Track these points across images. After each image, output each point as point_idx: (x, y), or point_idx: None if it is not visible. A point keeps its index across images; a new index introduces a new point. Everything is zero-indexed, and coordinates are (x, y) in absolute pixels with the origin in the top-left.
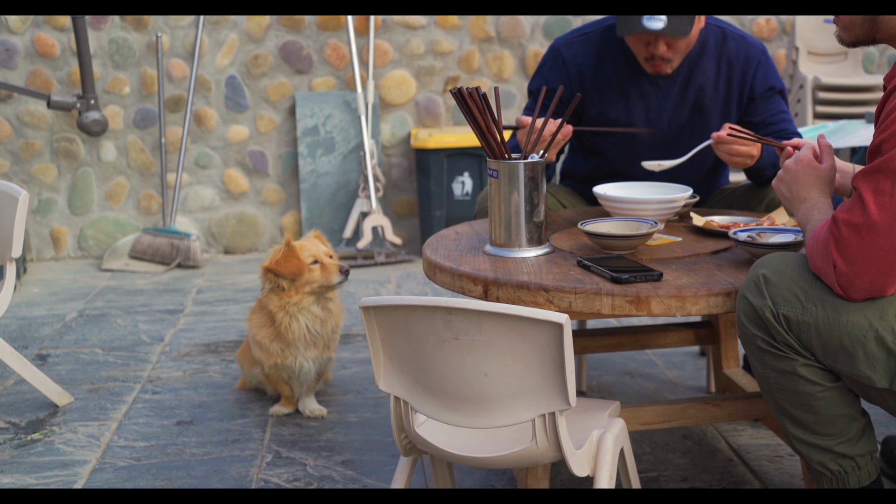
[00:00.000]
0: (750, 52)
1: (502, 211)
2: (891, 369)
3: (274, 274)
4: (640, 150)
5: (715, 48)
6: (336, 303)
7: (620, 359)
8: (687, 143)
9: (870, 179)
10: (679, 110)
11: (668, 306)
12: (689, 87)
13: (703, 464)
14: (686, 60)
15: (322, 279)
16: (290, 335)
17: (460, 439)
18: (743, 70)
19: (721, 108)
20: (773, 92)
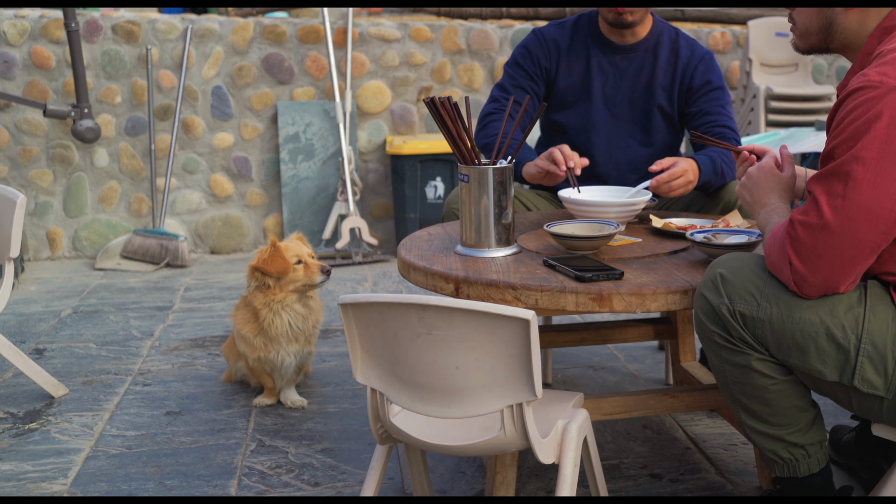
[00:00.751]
0: (696, 50)
1: (473, 213)
2: (840, 364)
3: (261, 273)
4: (596, 123)
5: (668, 42)
6: (316, 300)
7: (584, 353)
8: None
9: (823, 183)
10: (633, 90)
11: (628, 303)
12: (643, 71)
13: (662, 452)
14: (642, 47)
15: (305, 278)
16: (274, 331)
17: (433, 428)
18: (687, 62)
19: (667, 94)
20: (711, 86)
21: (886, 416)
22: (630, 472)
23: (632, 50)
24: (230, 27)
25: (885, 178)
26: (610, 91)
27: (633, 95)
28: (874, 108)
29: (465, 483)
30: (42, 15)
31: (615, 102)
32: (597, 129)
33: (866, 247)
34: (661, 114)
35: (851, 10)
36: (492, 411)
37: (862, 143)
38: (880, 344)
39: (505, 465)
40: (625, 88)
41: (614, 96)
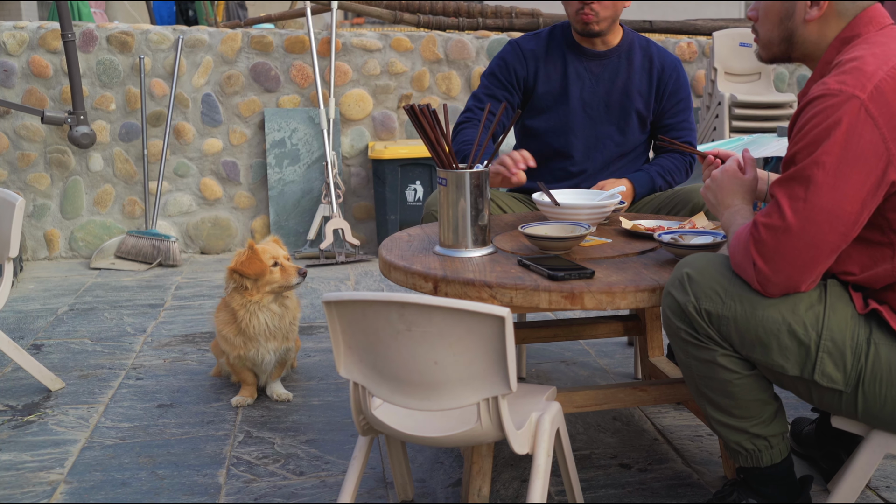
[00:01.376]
0: (667, 59)
1: (450, 215)
2: (801, 359)
3: (239, 275)
4: (574, 126)
5: (640, 49)
6: (293, 299)
7: (556, 348)
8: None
9: (786, 187)
10: (609, 94)
11: (599, 301)
12: (619, 75)
13: (631, 443)
14: (615, 53)
15: (282, 280)
16: (252, 330)
17: (413, 420)
18: (662, 68)
19: (644, 98)
20: (680, 101)
21: (845, 408)
22: (600, 462)
23: (606, 56)
24: (219, 38)
25: (844, 182)
26: (587, 95)
27: (609, 99)
28: (834, 115)
29: (443, 472)
30: (40, 26)
31: (592, 106)
32: (575, 132)
33: (826, 248)
34: (636, 116)
35: (811, 23)
36: (469, 404)
37: (822, 148)
38: (839, 340)
39: (481, 455)
40: (601, 93)
41: (591, 100)
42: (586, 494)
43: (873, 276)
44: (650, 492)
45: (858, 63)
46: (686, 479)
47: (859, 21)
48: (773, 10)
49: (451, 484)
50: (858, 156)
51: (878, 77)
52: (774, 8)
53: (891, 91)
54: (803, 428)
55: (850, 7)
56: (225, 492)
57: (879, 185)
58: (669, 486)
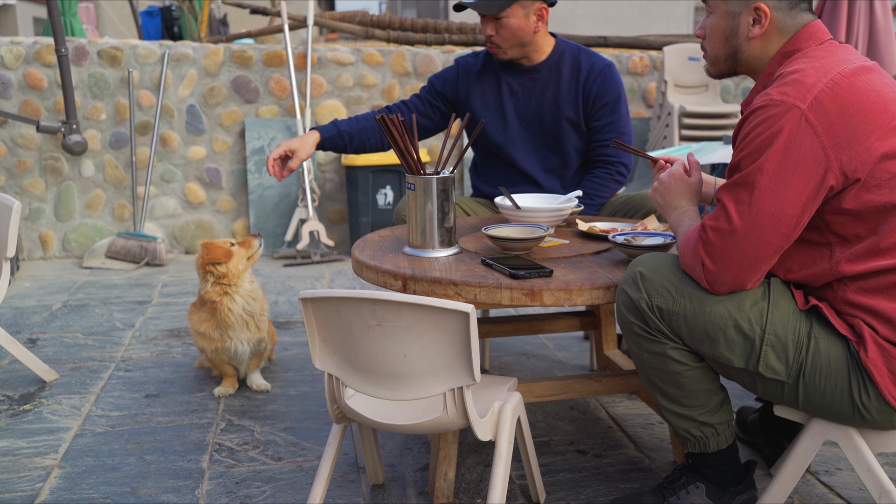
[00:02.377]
0: (595, 65)
1: (418, 218)
2: (746, 352)
3: (213, 264)
4: (514, 139)
5: (570, 59)
6: (258, 288)
7: (517, 342)
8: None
9: (731, 192)
10: (541, 106)
11: (557, 298)
12: (549, 88)
13: (587, 430)
14: (545, 67)
15: (246, 251)
16: (231, 318)
17: (383, 409)
18: (587, 74)
19: (573, 106)
20: (605, 105)
21: (787, 398)
22: (559, 448)
23: (536, 70)
24: (203, 52)
25: (786, 187)
26: (521, 109)
27: (541, 111)
28: (776, 124)
29: (411, 458)
30: (35, 41)
31: (527, 119)
32: (516, 144)
33: (770, 248)
34: (569, 125)
35: (754, 39)
36: (435, 394)
37: (765, 155)
38: (782, 334)
39: (447, 441)
40: (533, 106)
41: (525, 114)
42: (545, 479)
43: (813, 275)
44: (605, 476)
45: (799, 75)
46: (638, 464)
47: (800, 37)
48: (718, 28)
49: (419, 468)
50: (799, 162)
51: (817, 88)
52: (720, 27)
53: (829, 102)
54: (748, 416)
55: (790, 24)
56: (208, 476)
57: (819, 190)
58: (623, 471)
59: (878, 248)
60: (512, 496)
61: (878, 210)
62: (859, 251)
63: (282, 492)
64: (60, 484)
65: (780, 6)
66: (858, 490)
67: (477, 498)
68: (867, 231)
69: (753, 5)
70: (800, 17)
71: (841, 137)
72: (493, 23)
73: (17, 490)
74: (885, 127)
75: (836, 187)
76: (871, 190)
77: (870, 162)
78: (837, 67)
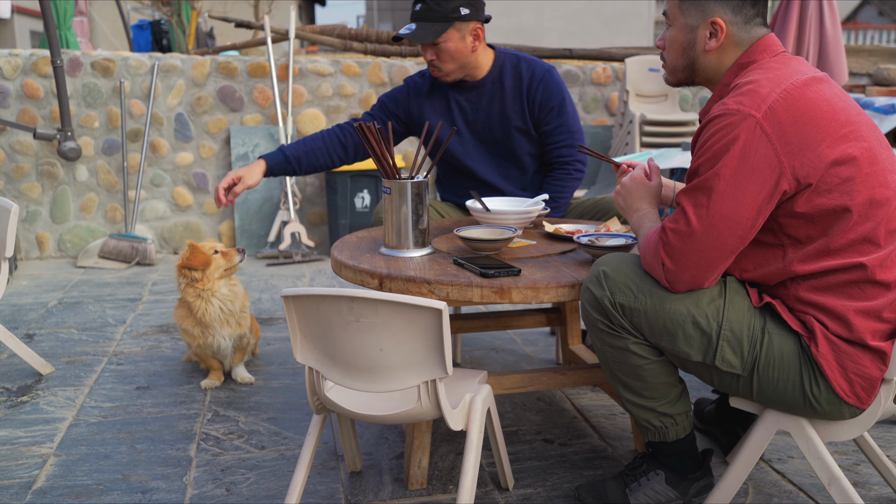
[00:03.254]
0: (535, 71)
1: (394, 220)
2: (704, 346)
3: (188, 269)
4: (471, 152)
5: (511, 69)
6: (239, 287)
7: (487, 337)
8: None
9: (690, 196)
10: (489, 118)
11: (525, 296)
12: (494, 100)
13: (553, 420)
14: (489, 80)
15: (226, 262)
16: (208, 317)
17: (360, 401)
18: (529, 82)
19: (520, 115)
20: (552, 109)
21: (742, 390)
22: (526, 438)
23: (481, 85)
24: (190, 63)
25: (742, 192)
26: (472, 123)
27: (490, 123)
28: (732, 132)
29: (387, 446)
30: (32, 53)
31: (479, 132)
32: (472, 156)
33: (727, 249)
34: (519, 133)
35: (710, 51)
36: (410, 386)
37: (722, 161)
38: (737, 330)
39: (421, 431)
40: (482, 119)
41: (476, 127)
42: (513, 466)
43: (767, 274)
44: (570, 464)
45: (754, 86)
46: (601, 452)
47: (755, 49)
48: (677, 40)
49: (394, 456)
50: (754, 168)
51: (771, 98)
52: (679, 39)
53: (783, 111)
54: (705, 407)
55: (745, 38)
56: (195, 464)
57: (773, 194)
58: (587, 459)
59: (828, 249)
60: (482, 483)
61: (829, 213)
62: (811, 252)
63: (265, 479)
64: (56, 471)
65: (736, 21)
66: (809, 477)
67: (449, 484)
68: (818, 233)
69: (710, 20)
70: (754, 31)
71: (793, 145)
72: (431, 48)
73: (15, 477)
74: (835, 134)
75: (789, 192)
76: (822, 194)
77: (821, 168)
78: (790, 78)
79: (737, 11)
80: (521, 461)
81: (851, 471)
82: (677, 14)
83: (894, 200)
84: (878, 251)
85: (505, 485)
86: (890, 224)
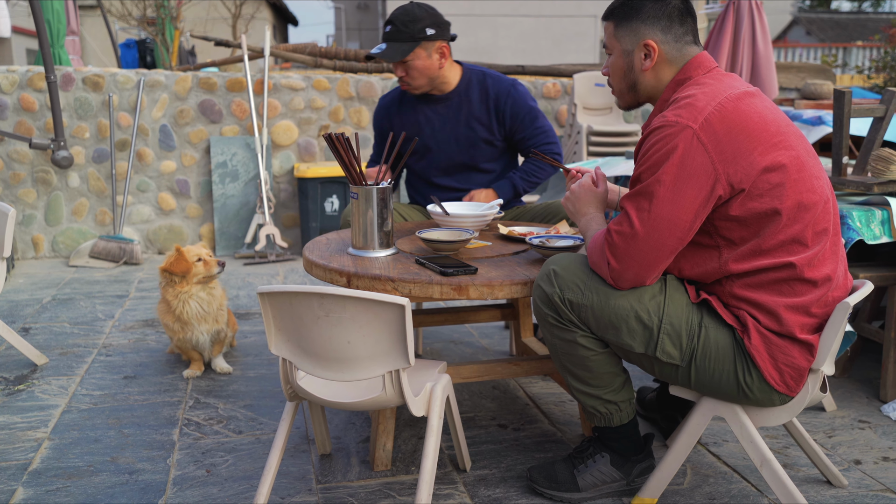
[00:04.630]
0: (501, 86)
1: (360, 223)
2: (646, 339)
3: (168, 273)
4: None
5: (477, 84)
6: (218, 288)
7: (447, 331)
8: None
9: (633, 200)
10: (456, 129)
11: (481, 292)
12: (461, 112)
13: (507, 407)
14: (456, 94)
15: (206, 271)
16: (186, 315)
17: (330, 389)
18: (496, 96)
19: (486, 126)
20: (524, 116)
21: (681, 379)
22: (482, 423)
23: (448, 98)
24: (174, 79)
25: (681, 197)
26: (439, 134)
27: (457, 133)
28: (672, 142)
29: (355, 431)
30: (28, 69)
31: (446, 142)
32: (438, 165)
33: (667, 250)
34: (484, 143)
35: (648, 71)
36: (375, 375)
37: (662, 169)
38: (676, 324)
39: (386, 417)
40: (449, 130)
41: (443, 137)
42: (471, 449)
43: (704, 273)
44: (523, 447)
45: (692, 100)
46: (552, 436)
47: (689, 66)
48: (617, 66)
49: (361, 440)
50: (691, 175)
51: (707, 111)
52: (619, 64)
53: (718, 122)
54: (647, 395)
55: (678, 56)
56: (178, 447)
57: (709, 199)
58: (538, 443)
59: (760, 250)
60: (442, 464)
61: (761, 216)
62: (744, 252)
63: (242, 461)
64: (50, 454)
65: (667, 40)
66: (742, 459)
67: (412, 466)
68: (751, 234)
69: (643, 42)
70: (686, 49)
71: (728, 153)
72: (401, 66)
73: (13, 459)
74: (766, 144)
75: (724, 196)
76: (755, 199)
77: (753, 174)
78: (725, 93)
79: (666, 31)
80: (478, 444)
81: (781, 453)
82: (614, 42)
83: (821, 204)
84: (806, 251)
85: (463, 466)
86: (817, 226)
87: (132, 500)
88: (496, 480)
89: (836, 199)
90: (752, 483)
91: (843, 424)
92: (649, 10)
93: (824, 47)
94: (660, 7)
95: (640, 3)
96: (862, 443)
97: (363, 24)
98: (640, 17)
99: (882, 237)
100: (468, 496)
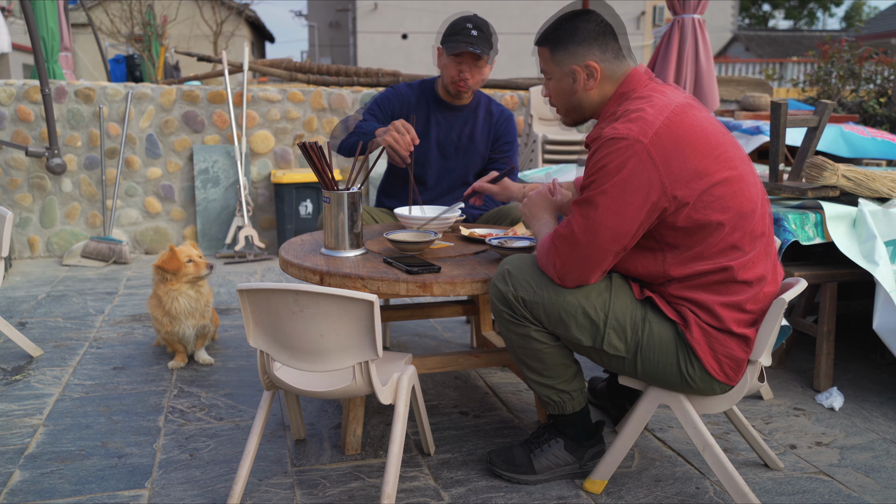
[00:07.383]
0: (503, 112)
1: (332, 225)
2: (593, 333)
3: (161, 270)
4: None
5: (484, 105)
6: (206, 286)
7: (412, 325)
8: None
9: (580, 207)
10: (459, 138)
11: (444, 289)
12: (467, 125)
13: (468, 396)
14: (467, 108)
15: (195, 272)
16: (175, 311)
17: (304, 379)
18: (497, 119)
19: (483, 142)
20: (506, 143)
21: (628, 370)
22: (445, 411)
23: (459, 110)
24: (159, 91)
25: (625, 207)
26: (442, 138)
27: (458, 142)
28: (623, 156)
29: (327, 418)
30: (24, 83)
31: (445, 146)
32: (430, 165)
33: (609, 254)
34: (478, 155)
35: (591, 89)
36: (346, 366)
37: (611, 181)
38: (622, 319)
39: (356, 405)
40: (452, 137)
41: (445, 142)
42: (435, 435)
43: (647, 274)
44: (483, 433)
45: (642, 114)
46: (510, 423)
47: (629, 80)
48: (559, 88)
49: (333, 426)
50: (638, 188)
51: (657, 125)
52: (561, 87)
53: (666, 136)
54: (597, 384)
55: (617, 70)
56: (163, 433)
57: (653, 211)
58: (497, 429)
59: (702, 256)
60: (408, 449)
61: (704, 226)
62: (686, 257)
63: (223, 445)
64: (45, 439)
65: (606, 58)
66: (686, 444)
67: (380, 450)
68: (694, 242)
69: (584, 63)
70: (623, 64)
71: (674, 168)
72: (475, 66)
73: (10, 444)
74: (709, 156)
75: (668, 209)
76: (699, 211)
77: (697, 190)
78: (671, 106)
79: (604, 50)
80: (441, 430)
81: (722, 439)
82: (553, 67)
83: (757, 210)
84: (742, 256)
85: (427, 451)
86: (754, 232)
87: (121, 481)
88: (458, 464)
89: (768, 201)
90: (696, 466)
91: (780, 412)
92: (583, 32)
93: (762, 62)
94: (593, 28)
95: (573, 25)
96: (797, 429)
97: (335, 41)
98: (576, 39)
99: (815, 238)
100: (432, 478)
